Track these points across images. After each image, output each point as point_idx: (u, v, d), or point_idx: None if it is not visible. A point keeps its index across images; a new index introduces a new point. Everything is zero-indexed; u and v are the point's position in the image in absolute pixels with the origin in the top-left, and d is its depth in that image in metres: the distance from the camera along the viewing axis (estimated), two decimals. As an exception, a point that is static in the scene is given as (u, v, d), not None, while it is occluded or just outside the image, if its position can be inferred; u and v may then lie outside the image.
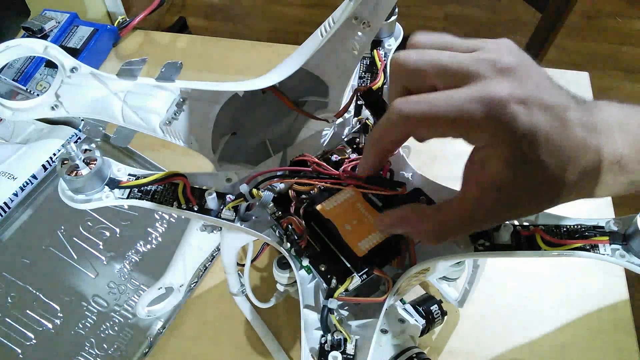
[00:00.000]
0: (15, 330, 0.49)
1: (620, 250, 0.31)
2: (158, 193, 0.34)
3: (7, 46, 0.33)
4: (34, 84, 0.66)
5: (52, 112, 0.35)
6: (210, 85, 0.36)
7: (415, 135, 0.27)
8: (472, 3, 1.79)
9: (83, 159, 0.32)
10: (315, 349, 0.30)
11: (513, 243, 0.32)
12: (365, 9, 0.34)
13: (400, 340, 0.38)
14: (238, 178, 0.35)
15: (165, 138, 0.38)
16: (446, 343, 0.47)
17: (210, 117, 0.38)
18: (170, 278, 0.47)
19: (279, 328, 0.48)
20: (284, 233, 0.33)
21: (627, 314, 0.48)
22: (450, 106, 0.24)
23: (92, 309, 0.50)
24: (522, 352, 0.47)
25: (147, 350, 0.48)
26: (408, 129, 0.26)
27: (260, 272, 0.52)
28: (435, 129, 0.25)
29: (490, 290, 0.49)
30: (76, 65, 0.35)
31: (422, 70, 0.26)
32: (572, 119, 0.24)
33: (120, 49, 0.74)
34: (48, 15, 0.70)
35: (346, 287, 0.31)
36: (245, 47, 0.74)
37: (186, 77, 0.37)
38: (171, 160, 0.60)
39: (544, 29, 0.93)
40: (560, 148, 0.24)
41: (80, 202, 0.33)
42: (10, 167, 0.57)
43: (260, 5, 1.85)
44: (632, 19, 1.70)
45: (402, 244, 0.32)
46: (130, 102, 0.36)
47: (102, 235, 0.54)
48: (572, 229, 0.32)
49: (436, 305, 0.41)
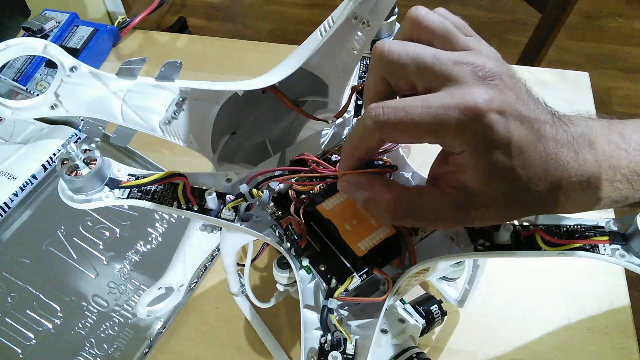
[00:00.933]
0: (15, 330, 0.49)
1: (620, 250, 0.31)
2: (158, 193, 0.34)
3: (6, 45, 0.33)
4: (33, 84, 0.66)
5: (51, 111, 0.35)
6: (210, 85, 0.36)
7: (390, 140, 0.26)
8: (473, 3, 1.79)
9: (83, 159, 0.32)
10: (315, 348, 0.30)
11: (513, 243, 0.32)
12: (364, 9, 0.34)
13: (400, 340, 0.38)
14: (238, 178, 0.35)
15: (165, 137, 0.38)
16: (446, 343, 0.47)
17: (209, 117, 0.38)
18: (170, 278, 0.47)
19: (278, 328, 0.48)
20: (283, 233, 0.33)
21: (627, 314, 0.48)
22: (427, 114, 0.23)
23: (92, 309, 0.50)
24: (522, 352, 0.47)
25: (147, 351, 0.48)
26: (383, 136, 0.25)
27: (260, 272, 0.52)
28: (411, 136, 0.25)
29: (490, 290, 0.49)
30: (76, 64, 0.35)
31: (403, 65, 0.25)
32: (547, 134, 0.24)
33: (120, 48, 0.74)
34: (48, 15, 0.70)
35: (346, 287, 0.31)
36: (244, 47, 0.74)
37: (186, 76, 0.37)
38: (171, 160, 0.60)
39: (544, 29, 0.93)
40: (532, 161, 0.24)
41: (80, 202, 0.33)
42: (10, 167, 0.57)
43: (259, 5, 1.85)
44: (633, 18, 1.70)
45: (402, 244, 0.32)
46: (130, 102, 0.36)
47: (102, 235, 0.54)
48: (572, 229, 0.32)
49: (436, 305, 0.41)
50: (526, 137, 0.23)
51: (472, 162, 0.24)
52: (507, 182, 0.24)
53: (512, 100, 0.23)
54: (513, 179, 0.24)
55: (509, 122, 0.23)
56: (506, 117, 0.23)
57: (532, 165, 0.24)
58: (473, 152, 0.24)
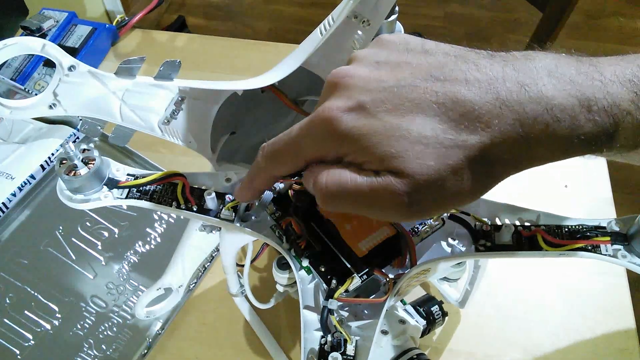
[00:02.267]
0: (13, 331, 0.49)
1: (622, 250, 0.31)
2: (157, 193, 0.34)
3: (5, 44, 0.33)
4: (32, 83, 0.65)
5: (50, 110, 0.34)
6: (209, 84, 0.36)
7: (277, 173, 0.28)
8: (473, 2, 1.79)
9: (81, 159, 0.32)
10: (315, 349, 0.30)
11: (514, 243, 0.32)
12: (365, 7, 0.33)
13: (401, 341, 0.38)
14: (238, 178, 0.35)
15: (164, 137, 0.38)
16: (447, 344, 0.47)
17: (209, 116, 0.38)
18: (169, 278, 0.47)
19: (278, 329, 0.48)
20: (283, 233, 0.33)
21: (628, 315, 0.48)
22: (289, 139, 0.25)
23: (90, 310, 0.50)
24: (522, 353, 0.47)
25: (145, 352, 0.48)
26: (272, 172, 0.28)
27: (259, 273, 0.52)
28: (293, 163, 0.26)
29: (491, 291, 0.49)
30: (74, 63, 0.35)
31: None
32: (382, 111, 0.23)
33: (119, 48, 0.74)
34: (46, 14, 0.70)
35: (346, 288, 0.31)
36: (244, 46, 0.74)
37: (185, 76, 0.37)
38: (170, 160, 0.60)
39: (545, 28, 0.93)
40: (372, 133, 0.23)
41: (79, 202, 0.33)
42: (8, 167, 0.56)
43: (259, 4, 1.85)
44: (634, 18, 1.70)
45: (403, 245, 0.32)
46: (129, 101, 0.35)
47: (101, 236, 0.54)
48: (573, 229, 0.32)
49: (437, 306, 0.41)
50: (365, 122, 0.23)
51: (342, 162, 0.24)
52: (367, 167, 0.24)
53: (363, 95, 0.23)
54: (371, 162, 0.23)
55: (352, 115, 0.23)
56: (350, 112, 0.23)
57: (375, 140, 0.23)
58: (334, 154, 0.24)
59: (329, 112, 0.24)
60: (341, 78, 0.25)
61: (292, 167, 0.27)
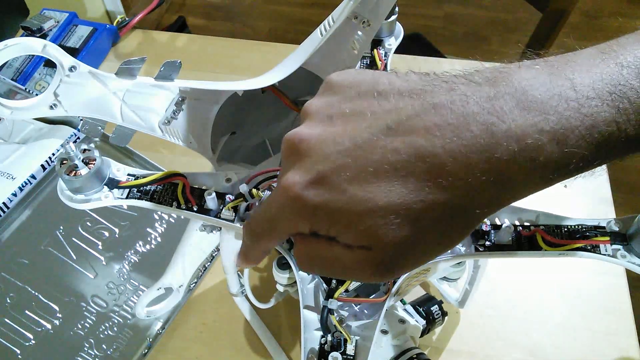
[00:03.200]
0: (14, 330, 0.49)
1: (621, 250, 0.31)
2: (157, 193, 0.34)
3: (5, 45, 0.33)
4: (32, 84, 0.65)
5: (50, 111, 0.34)
6: (210, 85, 0.36)
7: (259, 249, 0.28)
8: (473, 2, 1.79)
9: (82, 159, 0.32)
10: (315, 349, 0.30)
11: (514, 243, 0.32)
12: (365, 8, 0.33)
13: (401, 341, 0.38)
14: (238, 178, 0.35)
15: (165, 137, 0.38)
16: (447, 344, 0.47)
17: (209, 117, 0.38)
18: (169, 278, 0.47)
19: (278, 329, 0.48)
20: (283, 233, 0.33)
21: (627, 315, 0.48)
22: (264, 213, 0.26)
23: (91, 310, 0.50)
24: (522, 353, 0.47)
25: (146, 351, 0.48)
26: (261, 248, 0.28)
27: (260, 273, 0.52)
28: (276, 239, 0.27)
29: (490, 290, 0.49)
30: (75, 64, 0.35)
31: None
32: (344, 181, 0.22)
33: (119, 48, 0.74)
34: (47, 14, 0.70)
35: (346, 288, 0.31)
36: (244, 46, 0.74)
37: (185, 76, 0.37)
38: (170, 160, 0.60)
39: (545, 29, 0.93)
40: (338, 211, 0.22)
41: (79, 202, 0.33)
42: (9, 167, 0.57)
43: (259, 5, 1.85)
44: (634, 18, 1.70)
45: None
46: (129, 101, 0.35)
47: (101, 236, 0.54)
48: (573, 229, 0.32)
49: (437, 305, 0.41)
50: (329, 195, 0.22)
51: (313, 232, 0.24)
52: None
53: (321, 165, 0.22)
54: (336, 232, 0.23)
55: (315, 190, 0.22)
56: (314, 186, 0.22)
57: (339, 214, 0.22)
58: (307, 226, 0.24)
59: (292, 189, 0.23)
60: (297, 143, 0.23)
61: (277, 241, 0.28)
